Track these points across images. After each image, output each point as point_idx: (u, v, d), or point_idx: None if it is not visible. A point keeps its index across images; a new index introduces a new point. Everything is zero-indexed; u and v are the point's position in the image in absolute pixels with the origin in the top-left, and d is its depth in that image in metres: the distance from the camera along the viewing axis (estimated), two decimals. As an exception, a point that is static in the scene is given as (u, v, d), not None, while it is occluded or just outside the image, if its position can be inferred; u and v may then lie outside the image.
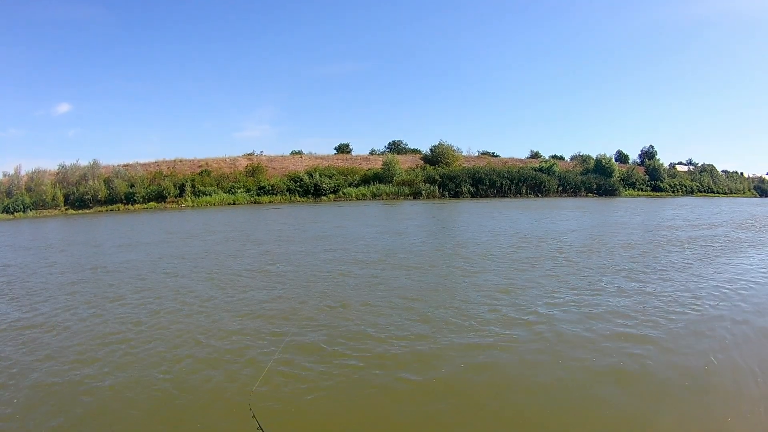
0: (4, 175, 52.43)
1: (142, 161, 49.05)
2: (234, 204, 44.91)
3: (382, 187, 46.55)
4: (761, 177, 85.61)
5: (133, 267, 11.94)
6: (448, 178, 48.71)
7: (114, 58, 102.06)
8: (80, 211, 47.57)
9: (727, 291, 8.41)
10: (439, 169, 49.82)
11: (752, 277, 9.67)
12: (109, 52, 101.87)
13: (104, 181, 48.33)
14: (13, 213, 46.10)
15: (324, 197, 45.47)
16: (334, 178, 46.51)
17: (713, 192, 69.64)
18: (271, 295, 8.46)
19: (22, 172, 52.74)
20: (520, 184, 51.65)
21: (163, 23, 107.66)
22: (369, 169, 48.73)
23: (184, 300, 8.29)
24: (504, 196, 50.52)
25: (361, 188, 46.21)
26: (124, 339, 6.34)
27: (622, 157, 65.63)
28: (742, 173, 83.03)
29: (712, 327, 6.48)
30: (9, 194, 48.92)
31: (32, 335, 6.57)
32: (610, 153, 62.35)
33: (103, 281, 10.26)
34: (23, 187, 49.52)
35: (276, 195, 45.27)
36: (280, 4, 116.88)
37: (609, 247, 13.85)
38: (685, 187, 66.36)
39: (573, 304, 7.61)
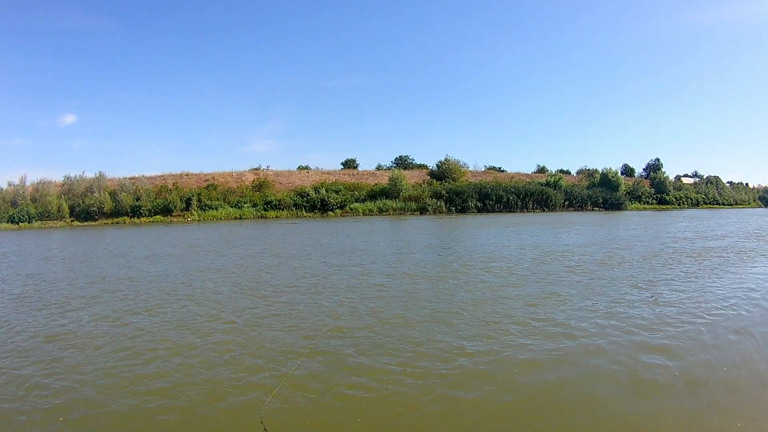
0: (9, 185, 52.45)
1: (148, 174, 49.00)
2: (240, 218, 44.83)
3: (388, 202, 46.42)
4: (766, 187, 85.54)
5: (169, 278, 12.22)
6: (454, 194, 48.58)
7: (121, 69, 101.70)
8: (85, 223, 47.51)
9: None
10: (446, 184, 49.68)
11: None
12: (115, 63, 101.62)
13: (110, 193, 48.27)
14: (18, 223, 46.06)
15: (331, 212, 45.35)
16: (340, 193, 46.38)
17: (719, 204, 69.55)
18: (304, 310, 8.53)
19: (27, 183, 52.80)
20: (527, 199, 51.53)
21: (171, 35, 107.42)
22: (376, 184, 48.58)
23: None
24: (510, 211, 50.40)
25: (368, 203, 46.07)
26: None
27: (628, 171, 65.54)
28: (747, 184, 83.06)
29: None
30: (14, 204, 48.90)
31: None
32: (616, 166, 62.46)
33: (149, 291, 10.55)
34: (28, 197, 49.51)
35: (283, 210, 45.16)
36: (287, 18, 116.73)
37: (627, 259, 14.21)
38: (691, 199, 66.26)
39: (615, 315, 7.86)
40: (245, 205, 45.29)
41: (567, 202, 54.11)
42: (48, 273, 14.05)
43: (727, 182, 76.14)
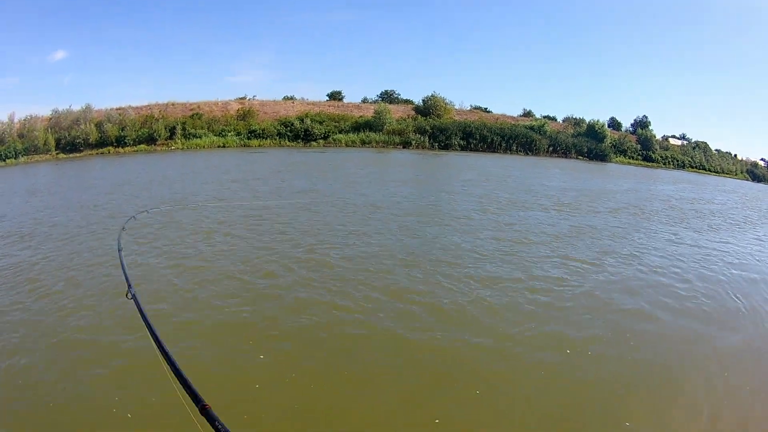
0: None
1: (134, 105, 49.20)
2: (224, 147, 45.04)
3: (372, 135, 46.64)
4: (755, 161, 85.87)
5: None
6: (438, 130, 48.84)
7: (110, 4, 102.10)
8: (71, 155, 47.66)
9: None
10: (430, 120, 49.95)
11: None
12: None
13: (96, 125, 48.47)
14: (5, 160, 46.10)
15: (314, 142, 45.57)
16: (324, 124, 46.61)
17: (704, 169, 69.77)
18: None
19: (15, 120, 52.95)
20: (511, 141, 51.78)
21: None
22: (360, 116, 48.83)
23: None
24: (494, 152, 50.66)
25: (351, 135, 46.27)
26: None
27: (615, 124, 65.79)
28: (735, 155, 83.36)
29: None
30: (2, 142, 48.99)
31: None
32: (604, 119, 62.67)
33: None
34: (15, 134, 49.65)
35: (266, 139, 45.34)
36: None
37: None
38: (677, 160, 66.48)
39: None
40: (229, 134, 45.46)
41: (551, 148, 54.35)
42: None
43: (715, 150, 76.54)
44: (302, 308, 6.21)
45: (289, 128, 45.81)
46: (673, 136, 72.83)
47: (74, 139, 48.23)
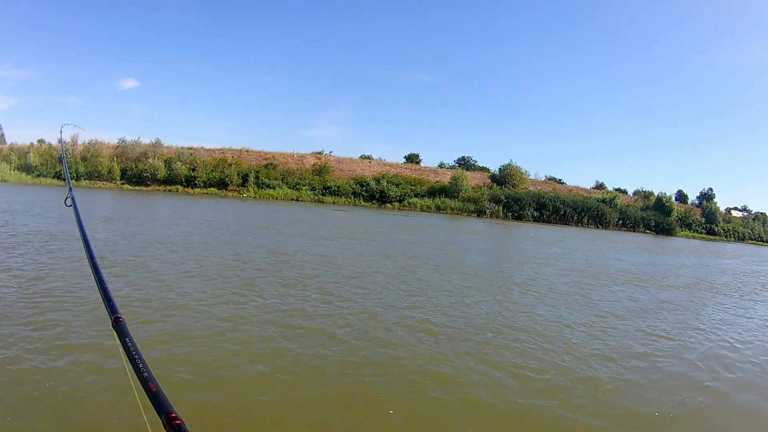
0: (59, 142, 51.90)
1: (207, 146, 48.22)
2: (297, 201, 44.00)
3: (447, 201, 45.48)
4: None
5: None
6: (513, 200, 47.59)
7: (190, 41, 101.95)
8: (136, 188, 46.88)
9: None
10: (505, 189, 48.70)
11: None
12: (186, 34, 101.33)
13: (165, 161, 47.57)
14: (65, 180, 45.45)
15: (389, 204, 44.46)
16: (400, 186, 45.47)
17: (762, 240, 68.33)
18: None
19: (79, 141, 52.21)
20: (583, 214, 50.50)
21: (247, 13, 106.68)
22: (437, 181, 47.64)
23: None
24: (566, 224, 49.39)
25: (427, 200, 45.15)
26: None
27: (681, 197, 64.32)
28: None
29: None
30: (61, 161, 48.29)
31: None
32: (671, 191, 61.25)
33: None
34: (78, 156, 48.90)
35: (341, 197, 44.28)
36: (366, 10, 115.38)
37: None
38: (738, 233, 65.02)
39: None
40: (303, 188, 44.43)
41: (620, 221, 53.06)
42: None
43: (773, 220, 74.72)
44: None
45: (364, 188, 44.69)
46: (735, 208, 71.22)
47: (141, 172, 47.41)
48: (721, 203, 67.69)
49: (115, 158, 48.73)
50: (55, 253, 9.72)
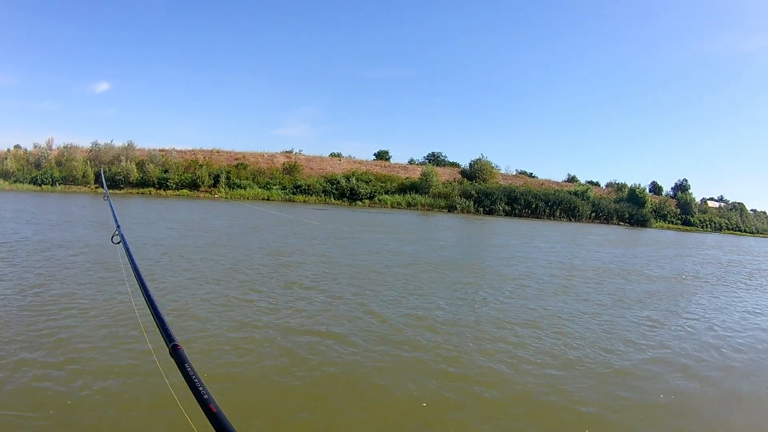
0: (35, 147, 52.13)
1: (178, 147, 48.55)
2: (268, 200, 44.35)
3: (417, 197, 45.91)
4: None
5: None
6: (484, 195, 48.04)
7: (161, 42, 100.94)
8: (110, 191, 47.11)
9: None
10: (476, 184, 49.14)
11: None
12: (156, 36, 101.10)
13: (137, 163, 47.84)
14: (40, 185, 45.62)
15: (359, 202, 44.85)
16: (370, 184, 45.88)
17: (740, 230, 68.78)
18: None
19: (54, 146, 52.45)
20: (555, 207, 50.95)
21: (216, 13, 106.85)
22: (407, 178, 48.08)
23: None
24: (538, 218, 49.84)
25: (397, 197, 45.56)
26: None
27: (656, 189, 64.85)
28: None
29: None
30: (38, 166, 48.49)
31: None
32: (645, 183, 61.75)
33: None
34: (53, 160, 49.12)
35: (311, 195, 44.67)
36: (333, 9, 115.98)
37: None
38: (714, 223, 65.49)
39: None
40: (274, 187, 44.80)
41: (593, 214, 53.51)
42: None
43: (751, 210, 75.31)
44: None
45: (335, 186, 45.09)
46: (712, 198, 71.76)
47: (115, 175, 47.67)
48: (697, 194, 68.26)
49: (89, 162, 48.94)
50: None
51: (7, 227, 14.50)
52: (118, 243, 2.72)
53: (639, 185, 57.84)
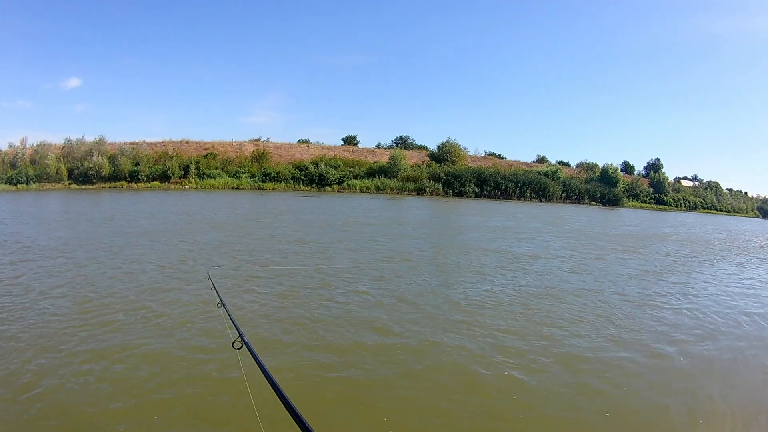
0: (10, 147, 52.48)
1: (149, 140, 49.00)
2: (237, 189, 44.84)
3: (386, 181, 46.49)
4: (765, 198, 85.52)
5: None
6: (453, 177, 48.66)
7: (127, 36, 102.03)
8: (83, 187, 47.51)
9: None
10: (445, 167, 49.76)
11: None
12: (122, 29, 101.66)
13: (109, 158, 48.24)
14: (16, 185, 45.99)
15: (328, 187, 45.39)
16: (339, 169, 46.43)
17: (716, 209, 69.54)
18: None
19: (27, 145, 52.78)
20: (525, 188, 51.59)
21: (181, 3, 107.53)
22: (375, 162, 48.65)
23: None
24: (508, 199, 50.46)
25: (366, 181, 46.14)
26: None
27: (628, 168, 65.57)
28: (746, 192, 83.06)
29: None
30: (13, 166, 48.85)
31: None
32: (617, 163, 62.39)
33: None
34: (28, 159, 49.48)
35: (280, 182, 45.20)
36: None
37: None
38: (689, 202, 66.23)
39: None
40: (243, 176, 45.30)
41: (564, 194, 54.16)
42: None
43: (727, 189, 76.16)
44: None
45: (303, 172, 45.62)
46: (685, 178, 72.53)
47: (87, 171, 48.05)
48: (670, 174, 68.94)
49: (61, 158, 49.31)
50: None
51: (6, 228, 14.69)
52: (240, 348, 2.49)
53: (611, 165, 58.59)
